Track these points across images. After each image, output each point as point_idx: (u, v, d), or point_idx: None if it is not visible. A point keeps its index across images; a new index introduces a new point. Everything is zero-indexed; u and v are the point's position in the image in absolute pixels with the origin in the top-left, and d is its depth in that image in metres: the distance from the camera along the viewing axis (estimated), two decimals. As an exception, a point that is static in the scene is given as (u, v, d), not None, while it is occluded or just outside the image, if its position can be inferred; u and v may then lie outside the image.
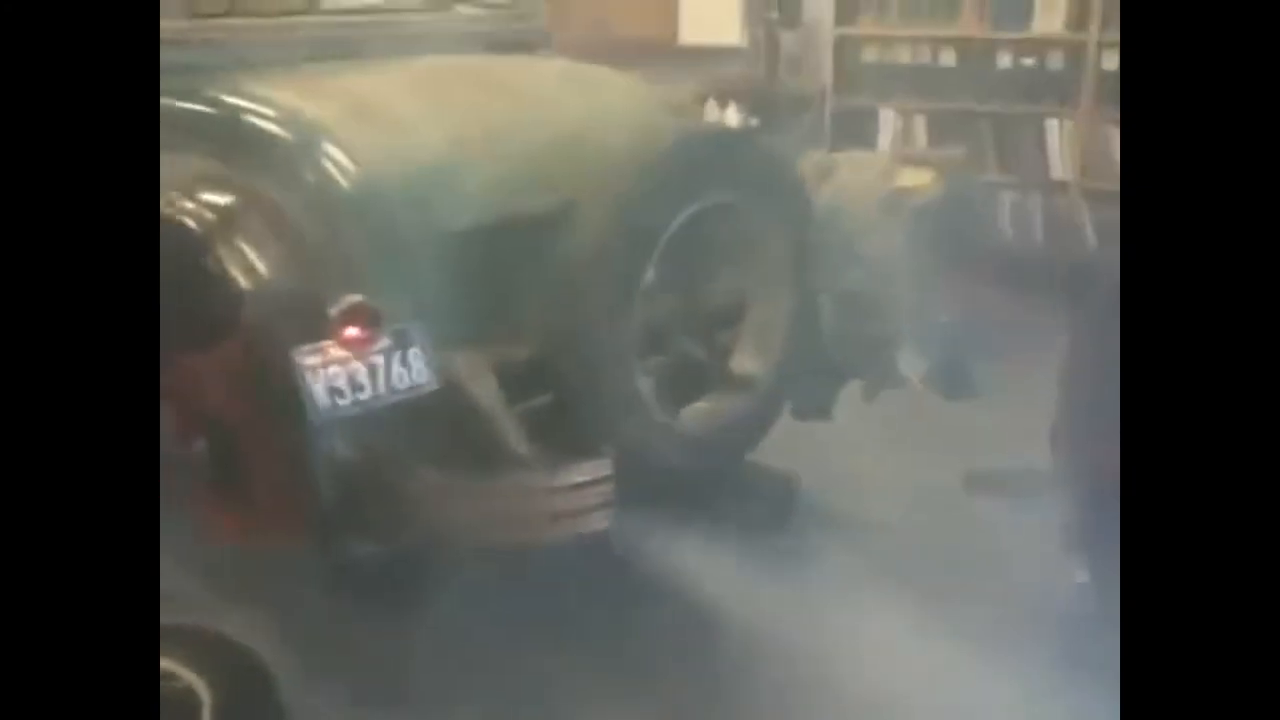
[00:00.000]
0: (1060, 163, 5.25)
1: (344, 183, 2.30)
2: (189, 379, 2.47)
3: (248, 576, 2.75)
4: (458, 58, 2.98)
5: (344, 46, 2.91)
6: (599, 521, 2.03)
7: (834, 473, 3.35)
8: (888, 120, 5.52)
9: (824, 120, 5.59)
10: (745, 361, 2.60)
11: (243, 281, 2.24)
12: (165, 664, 2.25)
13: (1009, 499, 3.39)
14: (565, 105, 2.73)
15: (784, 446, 3.04)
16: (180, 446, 2.51)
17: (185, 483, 2.53)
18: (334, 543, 2.11)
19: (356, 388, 2.07)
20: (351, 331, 2.05)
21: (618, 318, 2.21)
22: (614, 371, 2.23)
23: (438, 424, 2.20)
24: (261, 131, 2.46)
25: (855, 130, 5.46)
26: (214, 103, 2.61)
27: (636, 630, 2.62)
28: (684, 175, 2.26)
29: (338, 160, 2.33)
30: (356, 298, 2.05)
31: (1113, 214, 5.08)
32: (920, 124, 5.47)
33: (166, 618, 2.61)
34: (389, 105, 2.54)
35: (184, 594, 2.76)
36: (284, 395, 2.12)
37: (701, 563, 2.88)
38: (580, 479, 2.00)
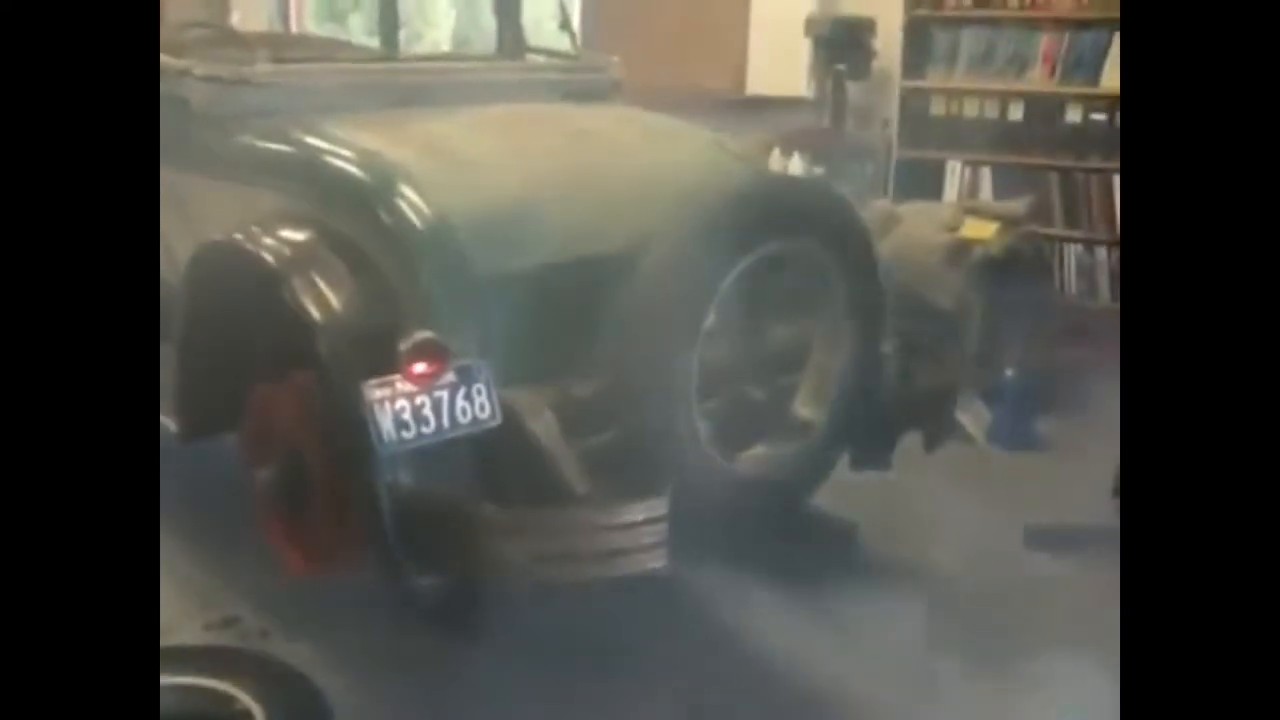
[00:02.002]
0: (1129, 218, 5.18)
1: (418, 222, 2.38)
2: (264, 407, 2.56)
3: (308, 604, 2.80)
4: (531, 105, 3.07)
5: (421, 93, 3.01)
6: (654, 560, 2.05)
7: (893, 523, 3.33)
8: (954, 172, 5.52)
9: (889, 171, 5.61)
10: (804, 407, 2.61)
11: (316, 314, 2.32)
12: (222, 686, 2.31)
13: (1069, 554, 3.34)
14: (635, 152, 2.79)
15: (846, 495, 3.05)
16: (250, 473, 2.61)
17: (252, 510, 2.63)
18: (395, 573, 2.15)
19: (422, 421, 2.12)
20: (419, 367, 2.10)
21: (679, 360, 2.25)
22: (673, 413, 2.26)
23: (499, 459, 2.24)
24: (341, 172, 2.55)
25: (920, 182, 5.47)
26: (296, 144, 2.72)
27: (688, 672, 2.62)
28: (749, 221, 2.31)
29: (413, 201, 2.41)
30: (426, 334, 2.11)
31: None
32: (986, 176, 5.46)
33: (226, 640, 2.74)
34: (464, 149, 2.62)
35: (243, 618, 2.84)
36: (352, 427, 2.18)
37: (757, 609, 2.88)
38: (636, 517, 2.03)
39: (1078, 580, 3.11)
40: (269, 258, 2.41)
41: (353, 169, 2.54)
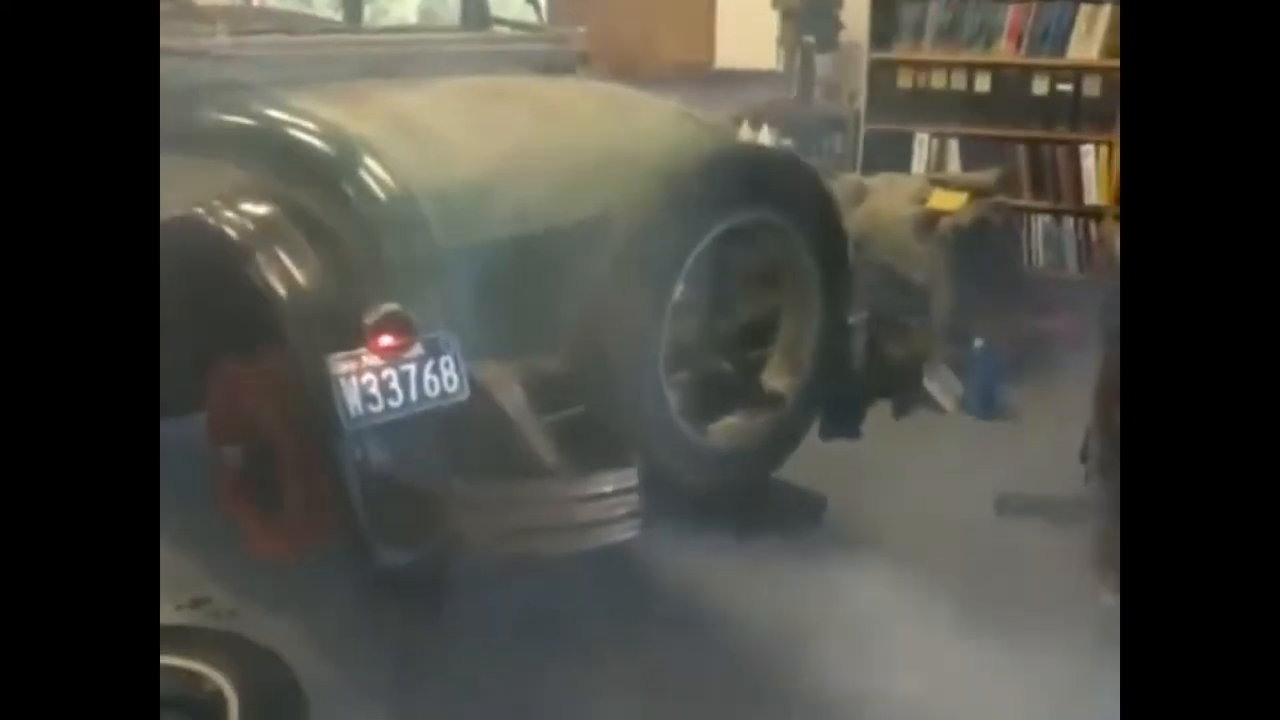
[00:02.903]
0: (1095, 188, 5.22)
1: (381, 194, 2.35)
2: (230, 385, 2.53)
3: (277, 582, 2.79)
4: (495, 78, 3.04)
5: (385, 65, 2.98)
6: (625, 531, 2.05)
7: (862, 494, 3.34)
8: (922, 144, 5.52)
9: (857, 143, 5.61)
10: (774, 379, 2.61)
11: (281, 290, 2.29)
12: (194, 666, 2.29)
13: (1039, 521, 3.37)
14: (602, 125, 2.77)
15: (814, 466, 3.06)
16: (215, 451, 2.58)
17: (219, 488, 2.60)
18: (364, 550, 2.14)
19: (389, 395, 2.11)
20: (385, 340, 2.08)
21: (647, 332, 2.24)
22: (642, 385, 2.25)
23: (468, 433, 2.23)
24: (303, 145, 2.52)
25: (888, 154, 5.47)
26: (257, 117, 2.67)
27: (655, 643, 2.63)
28: (717, 191, 2.29)
29: (375, 173, 2.38)
30: (391, 306, 2.09)
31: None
32: (954, 149, 5.46)
33: (196, 620, 2.72)
34: (428, 122, 2.59)
35: (213, 599, 2.82)
36: (318, 402, 2.16)
37: (725, 578, 2.89)
38: (606, 489, 2.02)
39: (1049, 547, 3.15)
40: (232, 232, 2.38)
41: (315, 142, 2.51)
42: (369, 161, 2.41)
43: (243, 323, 2.55)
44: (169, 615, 2.74)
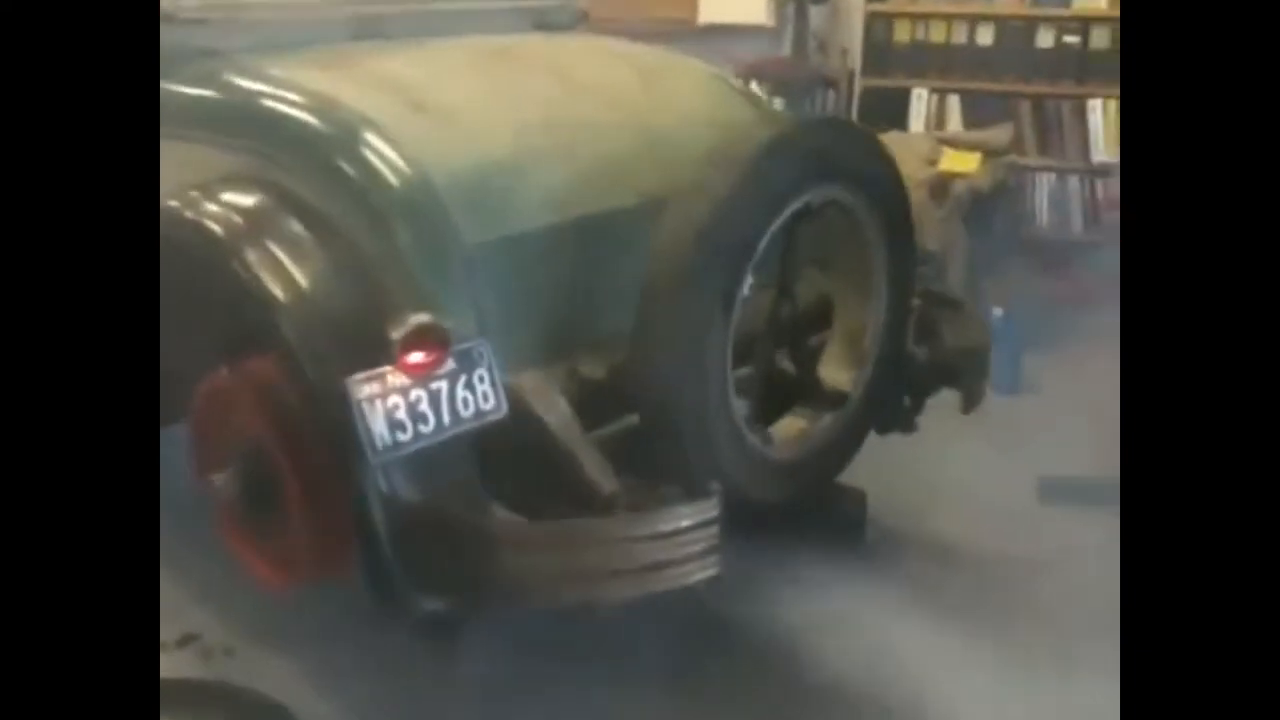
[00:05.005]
0: (1103, 145, 5.00)
1: (394, 180, 2.02)
2: (216, 401, 2.20)
3: (279, 616, 2.48)
4: (498, 38, 2.70)
5: (375, 26, 2.63)
6: (703, 570, 1.76)
7: (900, 487, 3.10)
8: (920, 100, 5.24)
9: (851, 101, 5.33)
10: (835, 374, 2.33)
11: (277, 291, 1.96)
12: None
13: (1083, 505, 3.15)
14: (631, 93, 2.46)
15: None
16: (203, 475, 2.24)
17: (209, 511, 2.27)
18: (392, 595, 1.83)
19: (419, 419, 1.80)
20: (416, 357, 1.77)
21: (714, 331, 1.93)
22: (709, 392, 1.96)
23: (509, 457, 1.93)
24: (294, 123, 2.17)
25: (885, 112, 5.19)
26: (233, 89, 2.32)
27: (707, 661, 2.38)
28: (787, 170, 1.99)
29: (384, 155, 2.05)
30: (423, 317, 1.77)
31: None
32: (955, 105, 5.21)
33: (185, 663, 2.40)
34: (435, 92, 2.26)
35: (202, 635, 2.51)
36: (331, 424, 1.85)
37: (777, 588, 2.64)
38: (682, 523, 1.73)
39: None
40: (214, 226, 2.04)
41: (308, 119, 2.16)
42: (374, 141, 2.07)
43: (229, 329, 2.22)
44: (152, 657, 2.43)
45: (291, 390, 2.01)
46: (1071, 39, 4.97)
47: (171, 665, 2.42)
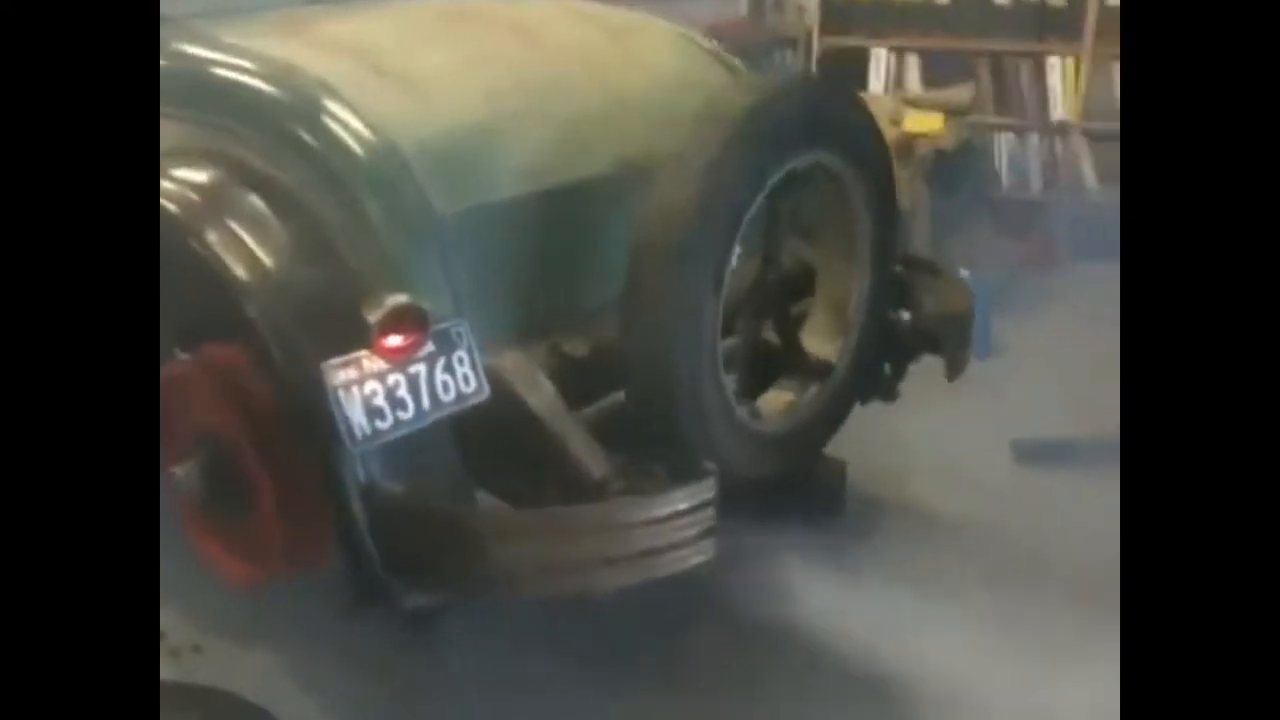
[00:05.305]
0: (1061, 103, 4.98)
1: (359, 149, 1.91)
2: (175, 389, 2.08)
3: (248, 608, 2.38)
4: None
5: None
6: (698, 555, 1.69)
7: (876, 453, 3.06)
8: (879, 60, 5.18)
9: (809, 61, 5.24)
10: (820, 344, 2.27)
11: (240, 272, 1.84)
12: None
13: (1061, 466, 3.14)
14: (597, 53, 2.35)
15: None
16: (167, 468, 2.13)
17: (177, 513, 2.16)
18: (378, 594, 1.74)
19: (398, 405, 1.70)
20: (394, 340, 1.67)
21: (703, 302, 1.85)
22: (700, 365, 1.88)
23: (491, 441, 1.84)
24: (249, 92, 2.04)
25: (844, 72, 5.11)
26: (185, 59, 2.18)
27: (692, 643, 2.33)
28: (775, 136, 1.90)
29: (348, 124, 1.93)
30: (400, 298, 1.67)
31: (1115, 157, 4.87)
32: (914, 64, 5.15)
33: (172, 674, 2.30)
34: (400, 56, 2.14)
35: (167, 633, 2.40)
36: (305, 415, 1.75)
37: (761, 561, 2.59)
38: (680, 506, 1.66)
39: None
40: (169, 205, 1.91)
41: (264, 87, 2.03)
42: (335, 108, 1.95)
43: (185, 313, 2.10)
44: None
45: (258, 377, 1.90)
46: (1030, -4, 4.92)
47: (135, 664, 2.32)
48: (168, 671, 2.30)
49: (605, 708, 2.14)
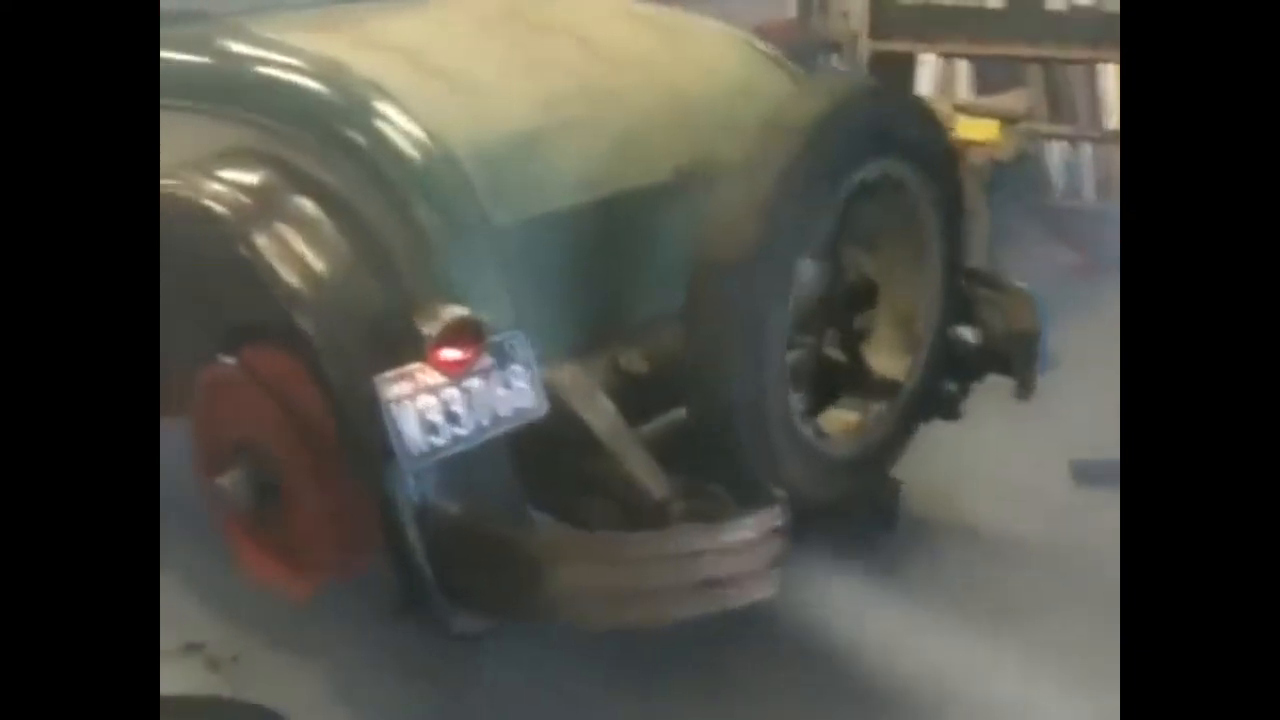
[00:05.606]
0: (1116, 112, 4.86)
1: (412, 153, 1.83)
2: (219, 394, 2.02)
3: (289, 617, 2.32)
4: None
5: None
6: (765, 588, 1.60)
7: (928, 470, 2.95)
8: (927, 66, 5.07)
9: (858, 66, 5.14)
10: (885, 361, 2.17)
11: (291, 278, 1.77)
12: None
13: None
14: (654, 55, 2.27)
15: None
16: (207, 474, 2.07)
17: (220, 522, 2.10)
18: (432, 617, 1.67)
19: (453, 421, 1.62)
20: (451, 354, 1.59)
21: (775, 315, 1.76)
22: (769, 383, 1.79)
23: (547, 458, 1.76)
24: (299, 92, 1.98)
25: (891, 77, 5.01)
26: (230, 57, 2.12)
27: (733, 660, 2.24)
28: (847, 144, 1.82)
29: (402, 127, 1.86)
30: (458, 310, 1.59)
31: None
32: (963, 71, 5.04)
33: (187, 673, 2.24)
34: (453, 56, 2.07)
35: (207, 643, 2.34)
36: (355, 427, 1.68)
37: (808, 579, 2.50)
38: (749, 534, 1.57)
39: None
40: (218, 208, 1.84)
41: (314, 86, 1.97)
42: (388, 109, 1.88)
43: (230, 318, 2.04)
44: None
45: (305, 385, 1.84)
46: (1084, 1, 4.80)
47: (176, 676, 2.26)
48: (207, 682, 2.24)
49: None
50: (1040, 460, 3.17)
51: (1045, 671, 2.28)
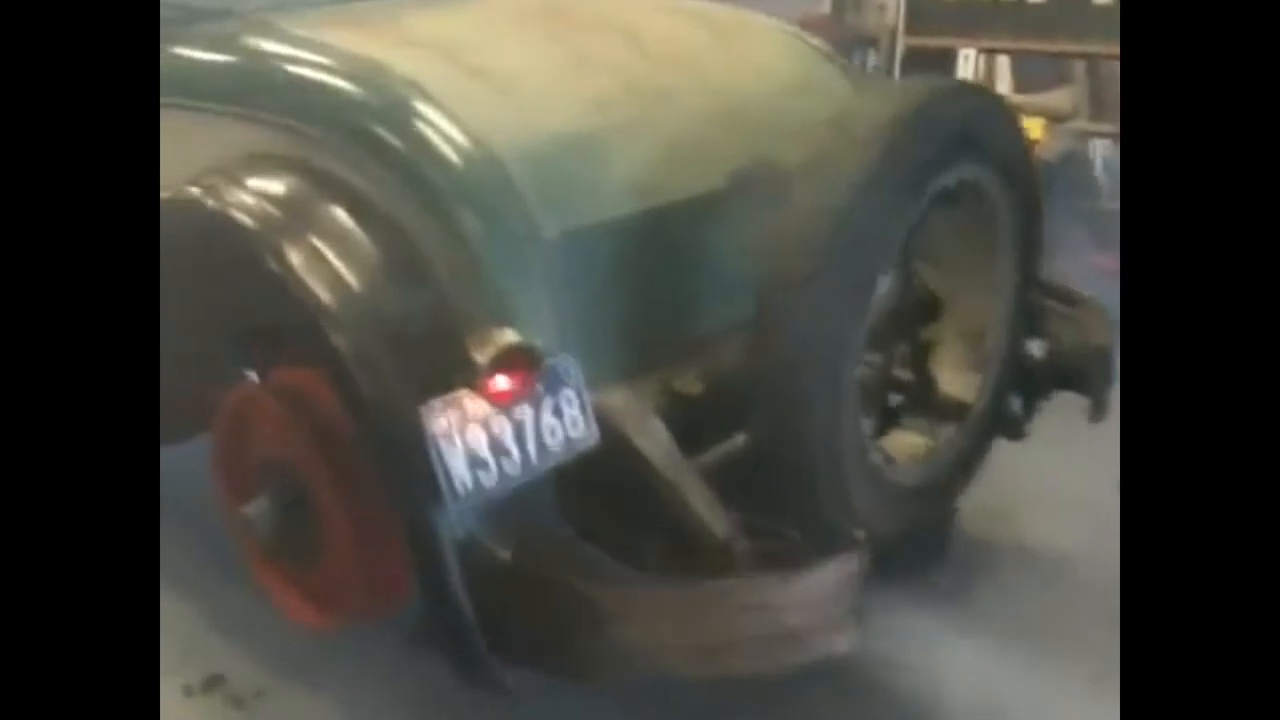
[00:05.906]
0: (1162, 109, 4.69)
1: (455, 158, 1.70)
2: (245, 416, 1.90)
3: (324, 658, 2.20)
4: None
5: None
6: (843, 642, 1.46)
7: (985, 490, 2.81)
8: (967, 61, 4.92)
9: (893, 62, 4.99)
10: (953, 380, 2.03)
11: (323, 294, 1.64)
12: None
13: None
14: (704, 54, 2.14)
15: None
16: (232, 504, 1.94)
17: (246, 556, 1.98)
18: (478, 671, 1.53)
19: (502, 454, 1.49)
20: (503, 383, 1.46)
21: (847, 336, 1.62)
22: (843, 407, 1.64)
23: (596, 490, 1.63)
24: (326, 90, 1.85)
25: (929, 74, 4.85)
26: (259, 56, 2.00)
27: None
28: (927, 148, 1.68)
29: (442, 128, 1.73)
30: (512, 336, 1.45)
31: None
32: (1004, 67, 4.88)
33: (210, 709, 2.12)
34: (494, 55, 1.93)
35: (229, 677, 2.22)
36: (393, 457, 1.55)
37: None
38: (827, 583, 1.43)
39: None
40: (244, 218, 1.71)
41: (344, 85, 1.84)
42: (427, 110, 1.75)
43: (257, 336, 1.92)
44: (175, 702, 2.14)
45: (338, 408, 1.71)
46: (1132, -5, 4.64)
47: (197, 713, 2.14)
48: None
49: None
50: (1099, 478, 3.03)
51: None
